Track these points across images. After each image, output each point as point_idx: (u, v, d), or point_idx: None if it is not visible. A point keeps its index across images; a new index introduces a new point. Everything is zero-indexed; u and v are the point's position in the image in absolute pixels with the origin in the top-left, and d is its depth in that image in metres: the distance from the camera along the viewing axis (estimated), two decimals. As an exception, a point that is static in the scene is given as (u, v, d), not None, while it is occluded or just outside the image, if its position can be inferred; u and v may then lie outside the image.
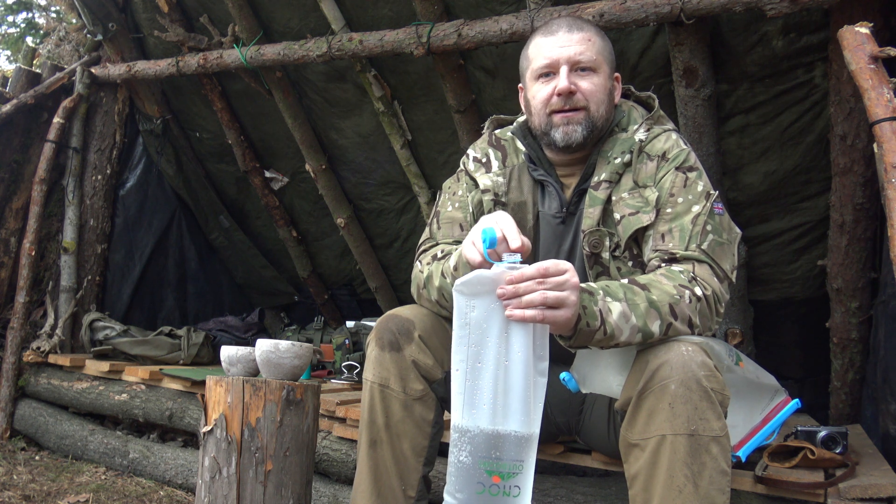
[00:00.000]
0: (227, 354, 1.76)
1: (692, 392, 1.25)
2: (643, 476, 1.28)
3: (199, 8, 2.97)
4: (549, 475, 1.91)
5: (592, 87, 1.50)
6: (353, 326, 3.21)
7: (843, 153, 2.12)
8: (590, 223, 1.50)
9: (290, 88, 2.99)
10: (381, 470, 1.49)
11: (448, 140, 2.84)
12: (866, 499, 1.50)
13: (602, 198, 1.50)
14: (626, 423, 1.33)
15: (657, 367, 1.28)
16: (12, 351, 2.99)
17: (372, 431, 1.50)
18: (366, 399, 1.53)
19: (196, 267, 3.72)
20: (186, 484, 2.44)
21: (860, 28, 1.64)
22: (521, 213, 1.59)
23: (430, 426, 1.52)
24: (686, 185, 1.46)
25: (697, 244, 1.41)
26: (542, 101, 1.53)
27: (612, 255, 1.49)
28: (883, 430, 2.03)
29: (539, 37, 1.56)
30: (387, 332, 1.52)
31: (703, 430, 1.24)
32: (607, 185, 1.50)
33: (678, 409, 1.25)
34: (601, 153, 1.54)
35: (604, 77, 1.52)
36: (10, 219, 3.23)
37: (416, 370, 1.50)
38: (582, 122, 1.50)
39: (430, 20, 2.41)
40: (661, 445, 1.26)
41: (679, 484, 1.24)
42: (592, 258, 1.51)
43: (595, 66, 1.51)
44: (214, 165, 3.56)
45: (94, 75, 3.23)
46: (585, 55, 1.50)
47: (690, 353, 1.28)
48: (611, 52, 1.57)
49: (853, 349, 2.41)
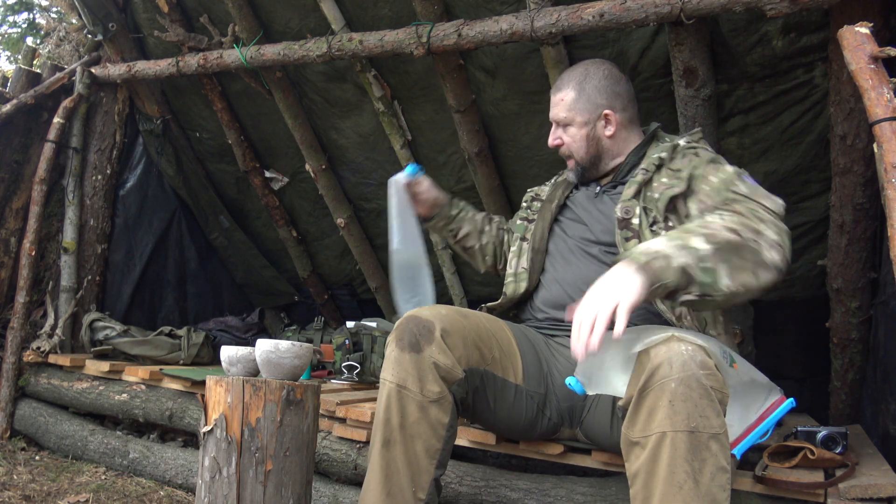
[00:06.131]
0: (227, 354, 1.76)
1: (692, 390, 1.27)
2: (644, 473, 1.29)
3: (199, 8, 2.97)
4: (549, 475, 1.91)
5: (570, 139, 1.86)
6: (353, 326, 3.21)
7: (843, 153, 2.12)
8: (626, 195, 1.74)
9: (290, 88, 2.99)
10: (393, 470, 1.50)
11: (448, 140, 2.84)
12: (866, 499, 1.50)
13: (639, 180, 1.74)
14: (627, 421, 1.35)
15: (658, 366, 1.29)
16: (12, 351, 2.99)
17: (386, 431, 1.52)
18: (382, 399, 1.55)
19: (196, 267, 3.71)
20: (186, 484, 2.44)
21: (860, 28, 1.64)
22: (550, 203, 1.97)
23: (444, 429, 1.54)
24: (717, 168, 1.68)
25: (733, 191, 1.59)
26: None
27: (649, 226, 1.67)
28: (883, 430, 2.03)
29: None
30: (407, 333, 1.55)
31: (703, 427, 1.26)
32: (644, 172, 1.74)
33: (678, 406, 1.26)
34: (646, 155, 1.82)
35: (577, 128, 1.85)
36: (10, 219, 3.22)
37: (434, 372, 1.52)
38: (574, 168, 1.89)
39: (430, 20, 2.41)
40: (661, 442, 1.27)
41: (679, 480, 1.25)
42: (623, 222, 1.71)
43: (568, 121, 1.85)
44: (214, 165, 3.56)
45: (94, 75, 3.23)
46: (559, 115, 1.86)
47: (690, 352, 1.30)
48: (588, 99, 1.84)
49: (853, 349, 2.41)
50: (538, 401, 1.71)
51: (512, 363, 1.68)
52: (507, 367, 1.67)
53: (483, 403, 1.66)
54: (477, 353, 1.61)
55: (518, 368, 1.69)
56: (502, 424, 1.75)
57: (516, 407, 1.69)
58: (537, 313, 1.87)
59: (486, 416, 1.71)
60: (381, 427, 1.54)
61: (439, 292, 3.29)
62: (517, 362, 1.69)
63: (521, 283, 1.91)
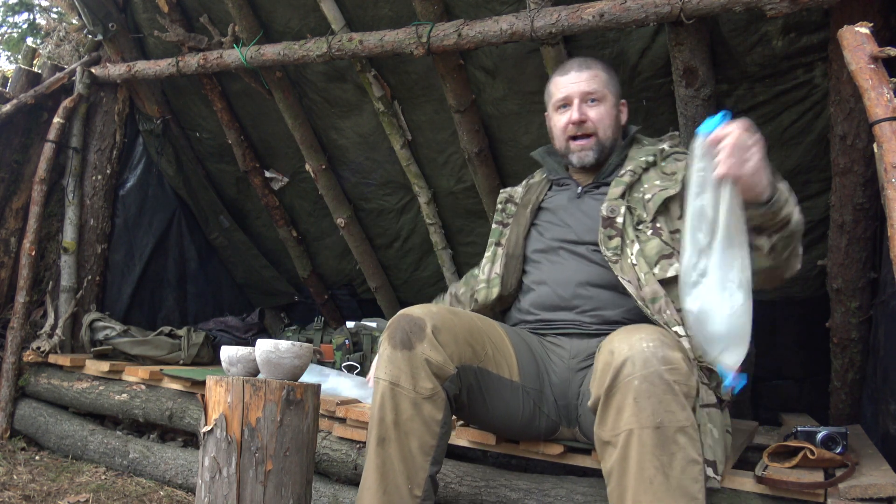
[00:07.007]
0: (227, 354, 1.76)
1: (655, 386, 1.32)
2: (616, 471, 1.35)
3: (199, 8, 2.97)
4: (549, 475, 1.91)
5: (599, 115, 1.84)
6: (353, 327, 3.21)
7: (843, 153, 2.12)
8: (611, 195, 1.76)
9: (290, 88, 2.99)
10: (389, 468, 1.51)
11: (448, 140, 2.84)
12: (866, 499, 1.50)
13: (626, 181, 1.76)
14: (598, 421, 1.40)
15: (621, 364, 1.35)
16: (12, 351, 2.99)
17: (381, 429, 1.54)
18: (376, 397, 1.57)
19: (196, 267, 3.71)
20: (186, 484, 2.44)
21: (860, 28, 1.64)
22: (525, 205, 1.96)
23: (438, 426, 1.55)
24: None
25: None
26: (561, 128, 1.89)
27: (633, 226, 1.70)
28: (883, 430, 2.03)
29: (556, 76, 1.93)
30: (399, 332, 1.57)
31: (668, 421, 1.31)
32: (632, 174, 1.77)
33: (643, 403, 1.32)
34: (629, 157, 1.85)
35: (609, 105, 1.86)
36: (10, 219, 3.22)
37: (427, 368, 1.54)
38: (593, 147, 1.85)
39: (430, 20, 2.41)
40: (629, 440, 1.32)
41: (649, 475, 1.30)
42: (607, 221, 1.72)
43: (601, 96, 1.85)
44: (214, 165, 3.56)
45: (94, 75, 3.23)
46: (592, 88, 1.84)
47: (651, 348, 1.35)
48: (616, 83, 1.91)
49: (853, 349, 2.41)
50: (534, 397, 1.72)
51: (506, 360, 1.69)
52: (502, 363, 1.68)
53: (479, 401, 1.66)
54: (469, 349, 1.62)
55: (513, 365, 1.70)
56: (499, 422, 1.75)
57: (513, 403, 1.70)
58: (526, 315, 1.86)
59: (483, 413, 1.71)
60: (375, 425, 1.55)
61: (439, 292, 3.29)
62: (511, 359, 1.70)
63: (493, 288, 1.92)
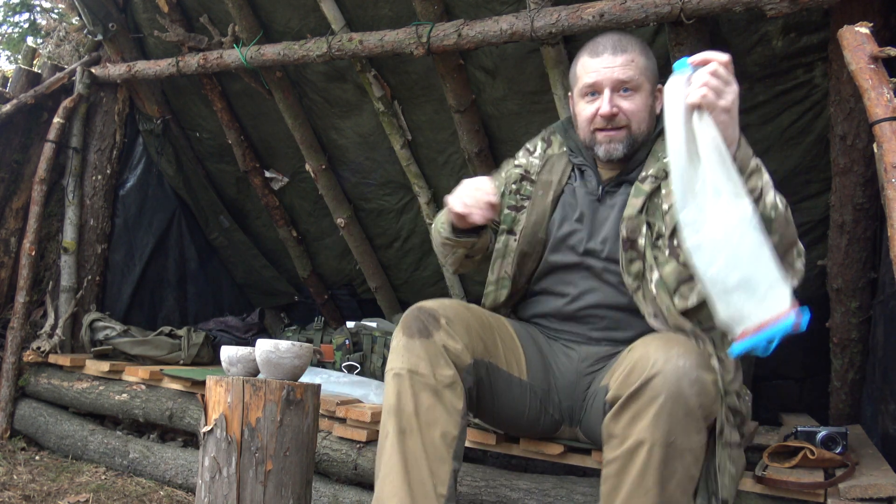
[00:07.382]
0: (228, 354, 1.76)
1: (678, 407, 1.31)
2: (617, 465, 1.36)
3: (199, 8, 2.97)
4: (549, 475, 1.92)
5: (634, 106, 1.61)
6: (353, 327, 3.21)
7: (843, 153, 2.12)
8: (630, 211, 1.59)
9: (290, 88, 2.99)
10: (412, 460, 1.42)
11: (448, 140, 2.84)
12: (866, 499, 1.50)
13: (647, 190, 1.59)
14: (611, 414, 1.39)
15: (652, 376, 1.33)
16: (12, 351, 2.99)
17: (401, 420, 1.44)
18: (391, 389, 1.48)
19: (196, 267, 3.71)
20: (186, 484, 2.44)
21: (860, 28, 1.64)
22: (545, 189, 1.73)
23: (459, 415, 1.47)
24: None
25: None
26: (586, 118, 1.65)
27: (652, 243, 1.56)
28: (883, 430, 2.03)
29: (586, 55, 1.65)
30: (415, 321, 1.52)
31: (681, 442, 1.31)
32: (653, 180, 1.60)
33: (662, 419, 1.31)
34: (652, 152, 1.64)
35: (645, 95, 1.62)
36: (10, 219, 3.22)
37: (445, 355, 1.48)
38: (623, 140, 1.62)
39: (430, 20, 2.41)
40: (639, 447, 1.32)
41: (647, 486, 1.31)
42: (628, 243, 1.58)
43: (637, 86, 1.61)
44: (214, 165, 3.56)
45: (94, 75, 3.23)
46: (628, 75, 1.59)
47: (685, 368, 1.32)
48: (654, 67, 1.66)
49: (853, 349, 2.41)
50: (541, 396, 1.70)
51: (515, 358, 1.67)
52: (511, 361, 1.66)
53: (487, 396, 1.64)
54: (481, 344, 1.59)
55: (522, 363, 1.68)
56: (505, 419, 1.73)
57: (520, 401, 1.68)
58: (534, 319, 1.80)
59: (489, 409, 1.69)
60: (392, 416, 1.45)
61: (439, 292, 3.30)
62: (520, 357, 1.68)
63: (502, 290, 1.77)
